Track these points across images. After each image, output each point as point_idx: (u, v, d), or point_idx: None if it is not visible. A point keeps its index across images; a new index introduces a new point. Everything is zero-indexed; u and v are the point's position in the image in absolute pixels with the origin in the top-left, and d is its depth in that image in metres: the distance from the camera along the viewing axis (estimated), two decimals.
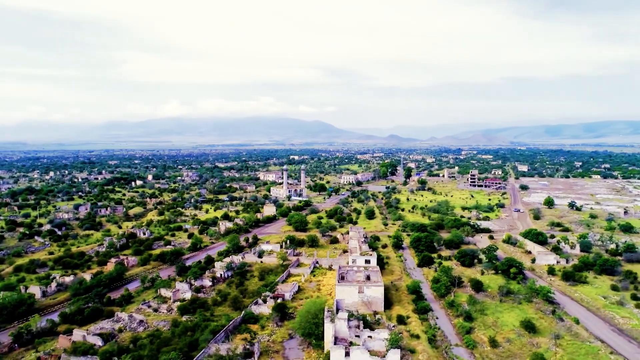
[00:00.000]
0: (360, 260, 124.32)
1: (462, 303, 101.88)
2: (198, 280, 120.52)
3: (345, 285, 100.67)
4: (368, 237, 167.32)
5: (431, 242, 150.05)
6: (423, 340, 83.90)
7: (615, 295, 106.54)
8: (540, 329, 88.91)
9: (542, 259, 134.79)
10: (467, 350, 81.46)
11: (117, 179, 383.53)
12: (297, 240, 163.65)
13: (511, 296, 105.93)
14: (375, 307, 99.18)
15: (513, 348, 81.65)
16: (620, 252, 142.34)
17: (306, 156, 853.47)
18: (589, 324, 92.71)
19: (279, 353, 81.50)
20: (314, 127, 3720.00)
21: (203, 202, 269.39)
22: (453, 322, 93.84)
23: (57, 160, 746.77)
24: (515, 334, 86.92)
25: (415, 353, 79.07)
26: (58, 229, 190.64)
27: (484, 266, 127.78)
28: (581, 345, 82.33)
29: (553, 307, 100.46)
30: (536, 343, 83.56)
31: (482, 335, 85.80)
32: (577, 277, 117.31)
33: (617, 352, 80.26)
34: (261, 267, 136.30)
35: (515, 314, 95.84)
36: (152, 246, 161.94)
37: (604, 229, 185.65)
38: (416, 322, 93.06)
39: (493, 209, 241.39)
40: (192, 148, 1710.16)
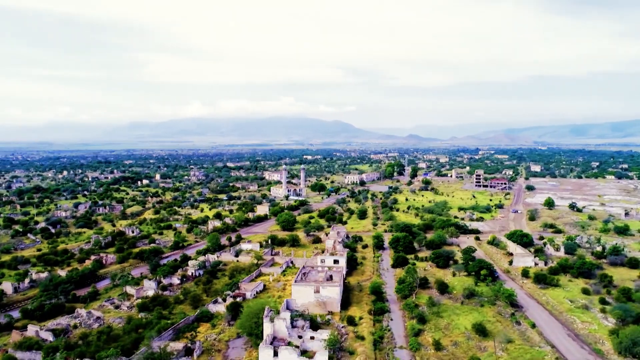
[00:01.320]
0: (329, 260, 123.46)
1: (422, 305, 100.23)
2: (167, 279, 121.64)
3: (301, 285, 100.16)
4: (350, 237, 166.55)
5: (410, 243, 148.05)
6: (367, 342, 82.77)
7: (584, 299, 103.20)
8: (493, 332, 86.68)
9: (519, 260, 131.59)
10: (410, 353, 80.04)
11: (124, 178, 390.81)
12: (279, 239, 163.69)
13: (474, 298, 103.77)
14: (330, 308, 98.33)
15: (457, 352, 79.84)
16: (606, 254, 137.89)
17: (319, 156, 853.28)
18: (546, 328, 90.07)
19: (221, 352, 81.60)
20: (333, 127, 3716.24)
21: (202, 201, 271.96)
22: (406, 324, 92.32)
23: (76, 160, 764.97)
24: (465, 337, 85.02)
25: (354, 354, 78.08)
26: (53, 227, 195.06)
27: (455, 267, 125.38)
28: (528, 350, 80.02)
29: (513, 310, 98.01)
30: (484, 347, 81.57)
31: (429, 338, 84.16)
32: (548, 280, 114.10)
33: (565, 357, 77.74)
34: (235, 266, 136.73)
35: (472, 317, 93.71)
36: (136, 244, 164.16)
37: (598, 231, 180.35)
38: (368, 323, 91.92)
39: (490, 210, 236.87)
40: (211, 148, 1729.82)
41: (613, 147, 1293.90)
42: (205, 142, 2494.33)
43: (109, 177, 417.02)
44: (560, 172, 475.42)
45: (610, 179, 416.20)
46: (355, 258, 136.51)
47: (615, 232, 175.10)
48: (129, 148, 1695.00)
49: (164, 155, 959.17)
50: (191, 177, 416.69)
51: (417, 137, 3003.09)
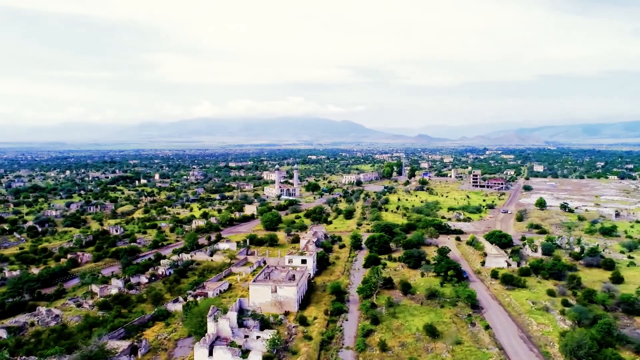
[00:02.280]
0: (296, 260, 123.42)
1: (380, 305, 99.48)
2: (135, 277, 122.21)
3: (259, 284, 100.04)
4: (328, 237, 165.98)
5: (386, 243, 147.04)
6: (314, 342, 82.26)
7: (547, 301, 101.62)
8: (445, 334, 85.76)
9: (491, 261, 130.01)
10: (355, 353, 79.42)
11: (122, 177, 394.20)
12: (258, 239, 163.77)
13: (436, 299, 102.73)
14: (287, 307, 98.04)
15: (403, 353, 79.03)
16: (583, 256, 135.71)
17: (323, 156, 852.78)
18: (500, 329, 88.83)
19: (167, 351, 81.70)
20: (342, 127, 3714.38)
21: (194, 200, 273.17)
22: (359, 324, 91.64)
23: (82, 160, 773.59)
24: (415, 338, 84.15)
25: (297, 355, 77.65)
26: (40, 226, 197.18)
27: (423, 268, 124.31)
28: (475, 351, 78.97)
29: (472, 311, 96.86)
30: (431, 348, 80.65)
31: (377, 339, 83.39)
32: (515, 281, 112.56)
33: (510, 359, 76.55)
34: (208, 265, 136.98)
35: (428, 318, 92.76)
36: (117, 243, 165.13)
37: (584, 232, 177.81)
38: (321, 323, 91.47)
39: (481, 210, 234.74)
40: (219, 148, 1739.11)
41: (625, 147, 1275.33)
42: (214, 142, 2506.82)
43: (109, 177, 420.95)
44: (563, 172, 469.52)
45: (613, 179, 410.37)
46: (327, 258, 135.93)
47: (601, 233, 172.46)
48: (138, 148, 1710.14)
49: (170, 155, 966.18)
50: (190, 177, 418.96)
51: (427, 137, 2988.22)
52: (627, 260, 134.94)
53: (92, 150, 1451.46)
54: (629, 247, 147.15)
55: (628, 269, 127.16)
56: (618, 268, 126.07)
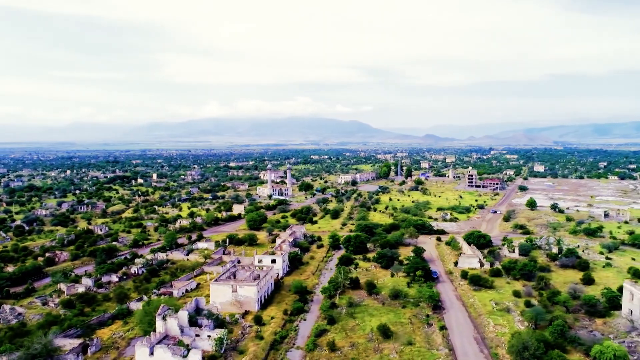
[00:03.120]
0: (266, 260, 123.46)
1: (341, 305, 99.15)
2: (106, 276, 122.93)
3: (219, 284, 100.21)
4: (308, 237, 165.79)
5: (362, 243, 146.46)
6: (264, 342, 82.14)
7: (511, 302, 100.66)
8: (398, 334, 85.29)
9: (464, 262, 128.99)
10: (304, 353, 79.19)
11: (119, 177, 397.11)
12: (238, 238, 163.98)
13: (398, 299, 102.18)
14: (247, 307, 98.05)
15: (352, 353, 78.61)
16: (561, 256, 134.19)
17: (326, 156, 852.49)
18: (455, 330, 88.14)
19: (119, 349, 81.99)
20: (350, 127, 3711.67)
21: (186, 200, 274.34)
22: (315, 324, 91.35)
23: (87, 160, 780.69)
24: (367, 338, 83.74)
25: (243, 354, 77.56)
26: (29, 225, 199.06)
27: (393, 268, 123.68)
28: (425, 352, 78.41)
29: (431, 312, 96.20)
30: (381, 349, 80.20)
31: (329, 339, 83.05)
32: (483, 281, 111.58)
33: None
34: (182, 264, 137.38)
35: (386, 318, 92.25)
36: (98, 242, 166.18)
37: (568, 232, 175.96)
38: (277, 323, 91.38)
39: (470, 210, 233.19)
40: (225, 148, 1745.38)
41: (635, 147, 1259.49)
42: (222, 142, 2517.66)
43: (108, 177, 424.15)
44: (563, 172, 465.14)
45: (613, 179, 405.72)
46: (300, 258, 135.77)
47: (585, 234, 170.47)
48: (145, 148, 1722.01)
49: (173, 155, 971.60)
50: (187, 177, 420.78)
51: (434, 137, 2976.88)
52: (604, 261, 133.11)
53: (99, 150, 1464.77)
54: (608, 248, 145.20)
55: (603, 270, 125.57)
56: (592, 269, 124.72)
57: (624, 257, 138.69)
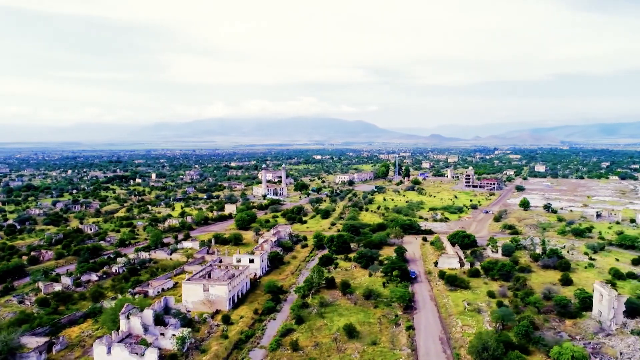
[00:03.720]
0: (244, 259, 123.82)
1: (313, 305, 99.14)
2: (86, 275, 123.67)
3: (191, 283, 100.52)
4: (293, 236, 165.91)
5: (344, 243, 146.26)
6: (228, 341, 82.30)
7: (484, 302, 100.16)
8: (364, 334, 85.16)
9: (444, 262, 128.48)
10: (266, 352, 79.26)
11: (118, 177, 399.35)
12: (223, 238, 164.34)
13: (371, 299, 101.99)
14: (219, 306, 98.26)
15: (314, 353, 78.56)
16: (543, 257, 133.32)
17: (328, 156, 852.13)
18: (422, 331, 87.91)
19: (84, 348, 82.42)
20: (355, 127, 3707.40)
21: (180, 200, 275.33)
22: (282, 323, 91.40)
23: (90, 160, 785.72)
24: (332, 338, 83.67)
25: (205, 353, 77.73)
26: (21, 224, 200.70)
27: (371, 268, 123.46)
28: (387, 352, 78.27)
29: (400, 312, 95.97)
30: (344, 349, 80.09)
31: (293, 338, 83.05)
32: (459, 281, 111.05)
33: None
34: (164, 264, 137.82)
35: (355, 318, 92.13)
36: (85, 241, 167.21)
37: (557, 233, 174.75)
38: (245, 322, 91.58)
39: (462, 210, 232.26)
40: (230, 148, 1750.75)
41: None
42: (227, 142, 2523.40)
43: (109, 176, 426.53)
44: (564, 172, 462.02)
45: (614, 179, 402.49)
46: (281, 257, 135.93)
47: (573, 234, 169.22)
48: (150, 148, 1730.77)
49: (176, 155, 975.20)
50: (185, 177, 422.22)
51: (440, 136, 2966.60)
52: (587, 262, 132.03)
53: (104, 150, 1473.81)
54: (593, 248, 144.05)
55: (585, 271, 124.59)
56: (574, 270, 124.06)
57: (608, 258, 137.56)
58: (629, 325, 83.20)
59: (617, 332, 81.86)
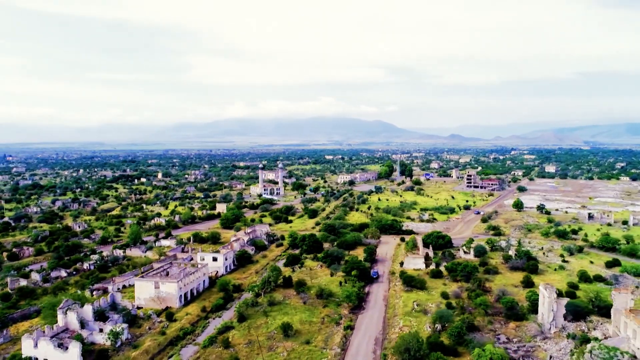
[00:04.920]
0: (208, 258, 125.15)
1: (263, 303, 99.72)
2: (55, 271, 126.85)
3: (143, 280, 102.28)
4: (270, 235, 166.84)
5: (315, 242, 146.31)
6: (164, 338, 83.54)
7: (434, 303, 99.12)
8: (301, 333, 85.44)
9: (410, 262, 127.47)
10: (198, 349, 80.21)
11: (124, 176, 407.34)
12: (201, 236, 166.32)
13: (323, 299, 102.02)
14: (169, 303, 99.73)
15: (244, 350, 79.20)
16: (515, 258, 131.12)
17: (340, 156, 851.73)
18: (362, 330, 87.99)
19: None
20: (374, 127, 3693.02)
21: (177, 199, 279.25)
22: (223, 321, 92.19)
23: (106, 160, 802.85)
24: (267, 336, 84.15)
25: (137, 348, 79.02)
26: (16, 221, 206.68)
27: (332, 268, 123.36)
28: (315, 351, 78.49)
29: (346, 311, 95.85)
30: (276, 347, 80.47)
31: (227, 336, 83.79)
32: (416, 282, 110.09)
33: None
34: (137, 261, 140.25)
35: (299, 317, 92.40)
36: (69, 239, 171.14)
37: (541, 234, 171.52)
38: (189, 319, 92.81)
39: (454, 211, 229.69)
40: (248, 148, 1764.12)
41: None
42: (246, 142, 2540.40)
43: (117, 174, 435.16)
44: (574, 173, 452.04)
45: (625, 180, 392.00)
46: (249, 256, 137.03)
47: (556, 236, 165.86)
48: (170, 148, 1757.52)
49: (189, 155, 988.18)
50: (190, 176, 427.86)
51: (459, 137, 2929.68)
52: (558, 264, 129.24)
53: (124, 150, 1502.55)
54: (569, 250, 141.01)
55: (554, 273, 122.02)
56: (543, 272, 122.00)
57: (583, 260, 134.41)
58: (568, 328, 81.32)
59: (554, 336, 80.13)
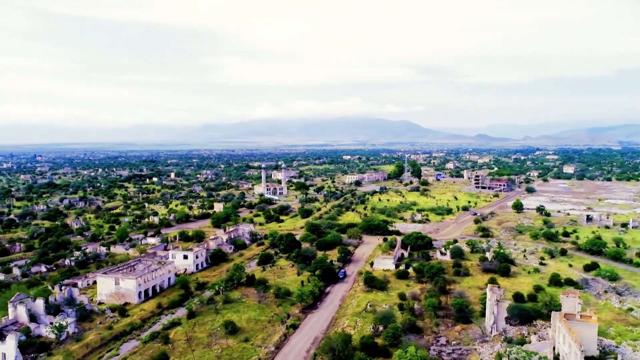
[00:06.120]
0: (179, 256, 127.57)
1: (218, 301, 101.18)
2: (36, 267, 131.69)
3: (105, 276, 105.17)
4: (253, 235, 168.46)
5: (292, 242, 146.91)
6: (109, 333, 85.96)
7: (388, 304, 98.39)
8: (246, 330, 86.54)
9: (379, 263, 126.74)
10: (138, 343, 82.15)
11: (136, 175, 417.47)
12: (186, 235, 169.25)
13: (278, 298, 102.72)
14: (128, 299, 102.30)
15: (182, 345, 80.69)
16: (491, 260, 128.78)
17: (357, 156, 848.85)
18: (305, 329, 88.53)
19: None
20: (400, 127, 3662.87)
21: (180, 198, 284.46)
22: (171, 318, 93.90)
23: (129, 159, 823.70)
24: (208, 333, 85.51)
25: (79, 342, 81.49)
26: (21, 219, 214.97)
27: (298, 267, 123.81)
28: (249, 349, 79.46)
29: (297, 310, 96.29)
30: (214, 343, 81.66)
31: (169, 332, 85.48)
32: (376, 282, 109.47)
33: (271, 357, 76.07)
34: (119, 258, 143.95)
35: (248, 315, 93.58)
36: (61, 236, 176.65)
37: (530, 236, 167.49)
38: (142, 315, 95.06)
39: (451, 212, 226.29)
40: (272, 148, 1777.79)
41: None
42: (271, 143, 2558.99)
43: (134, 174, 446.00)
44: (592, 174, 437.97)
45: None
46: (224, 254, 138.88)
47: (545, 238, 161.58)
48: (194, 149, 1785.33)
49: (209, 155, 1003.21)
50: (200, 176, 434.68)
51: (487, 137, 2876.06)
52: (535, 266, 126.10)
53: (151, 151, 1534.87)
54: (550, 253, 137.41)
55: (527, 276, 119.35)
56: (516, 274, 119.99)
57: (563, 263, 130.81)
58: (508, 332, 79.52)
59: (493, 339, 78.52)
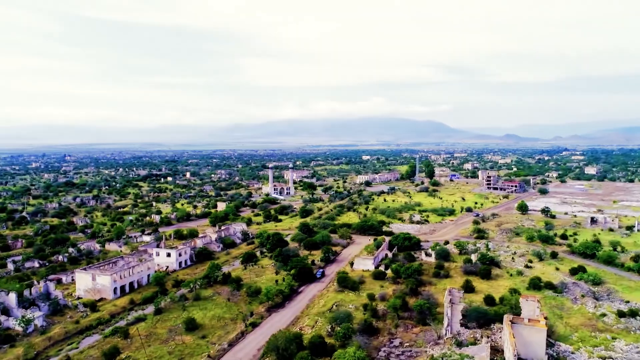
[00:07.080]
0: (162, 253, 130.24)
1: (190, 298, 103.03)
2: (30, 262, 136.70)
3: (83, 272, 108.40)
4: (245, 234, 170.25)
5: (279, 241, 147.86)
6: (74, 327, 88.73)
7: (354, 304, 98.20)
8: (207, 327, 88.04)
9: (360, 263, 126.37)
10: (100, 338, 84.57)
11: (152, 175, 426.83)
12: (181, 233, 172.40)
13: (249, 297, 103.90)
14: (104, 295, 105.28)
15: (138, 340, 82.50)
16: (475, 262, 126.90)
17: (377, 156, 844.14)
18: (264, 328, 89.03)
19: None
20: (425, 126, 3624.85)
21: (189, 197, 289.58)
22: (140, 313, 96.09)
23: (152, 159, 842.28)
24: (168, 329, 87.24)
25: (45, 333, 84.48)
26: (32, 216, 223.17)
27: (277, 266, 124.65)
28: (202, 345, 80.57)
29: (262, 309, 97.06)
30: (171, 339, 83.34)
31: (135, 327, 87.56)
32: (348, 283, 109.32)
33: (221, 355, 77.16)
34: (112, 255, 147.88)
35: (213, 312, 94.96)
36: (65, 233, 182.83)
37: (525, 238, 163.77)
38: (112, 310, 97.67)
39: (453, 213, 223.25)
40: (295, 148, 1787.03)
41: None
42: (296, 143, 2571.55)
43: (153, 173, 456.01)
44: (614, 175, 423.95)
45: None
46: (209, 253, 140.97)
47: (540, 240, 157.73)
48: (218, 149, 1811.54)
49: (231, 155, 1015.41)
50: (214, 176, 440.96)
51: (515, 137, 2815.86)
52: (519, 269, 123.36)
53: (176, 151, 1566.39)
54: (538, 256, 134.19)
55: (508, 279, 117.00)
56: (497, 277, 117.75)
57: (549, 266, 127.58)
58: (462, 335, 78.27)
59: (446, 342, 77.50)
